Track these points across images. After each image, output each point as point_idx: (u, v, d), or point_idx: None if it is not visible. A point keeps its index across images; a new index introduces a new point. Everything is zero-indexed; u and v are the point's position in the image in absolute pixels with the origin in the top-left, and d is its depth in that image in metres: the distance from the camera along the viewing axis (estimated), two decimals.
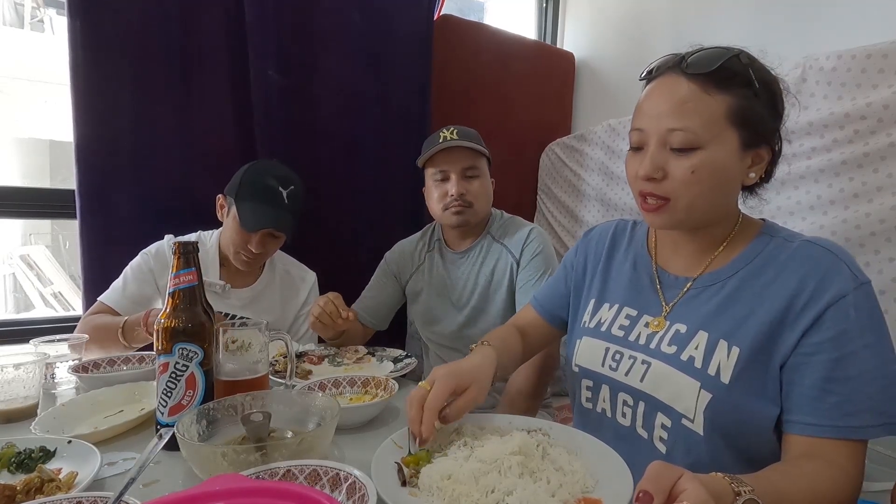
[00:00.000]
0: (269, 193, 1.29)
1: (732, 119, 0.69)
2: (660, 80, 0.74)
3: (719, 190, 0.72)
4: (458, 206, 1.34)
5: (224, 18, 1.57)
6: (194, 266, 0.77)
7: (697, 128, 0.69)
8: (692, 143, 0.69)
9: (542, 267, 1.33)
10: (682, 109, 0.70)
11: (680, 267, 0.82)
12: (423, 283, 1.48)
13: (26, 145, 5.22)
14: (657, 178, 0.72)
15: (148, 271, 1.32)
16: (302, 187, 1.36)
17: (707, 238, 0.79)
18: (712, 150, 0.69)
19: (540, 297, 1.05)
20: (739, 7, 1.73)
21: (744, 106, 0.69)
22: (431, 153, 1.34)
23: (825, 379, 0.64)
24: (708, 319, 0.74)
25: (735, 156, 0.71)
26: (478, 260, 1.41)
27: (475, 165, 1.36)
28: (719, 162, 0.70)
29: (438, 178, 1.36)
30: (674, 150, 0.71)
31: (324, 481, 0.59)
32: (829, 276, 0.67)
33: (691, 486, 0.46)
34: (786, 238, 0.74)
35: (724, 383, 0.69)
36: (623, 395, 0.80)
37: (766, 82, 0.71)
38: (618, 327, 0.84)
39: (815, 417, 0.64)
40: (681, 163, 0.70)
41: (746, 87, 0.69)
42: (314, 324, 1.23)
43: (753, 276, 0.73)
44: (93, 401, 0.91)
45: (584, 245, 0.99)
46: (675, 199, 0.72)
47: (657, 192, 0.73)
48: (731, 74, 0.69)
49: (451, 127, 1.36)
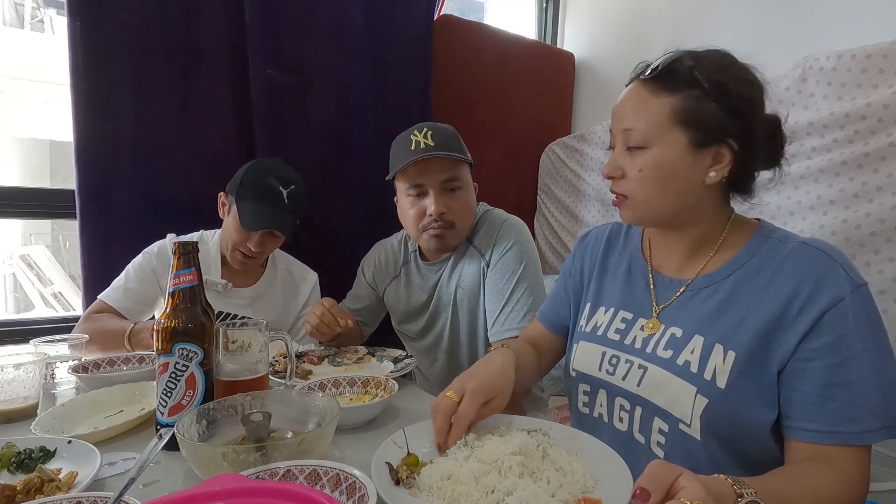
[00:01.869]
0: (269, 193, 1.28)
1: (677, 119, 0.72)
2: (628, 87, 0.79)
3: (670, 187, 0.75)
4: (437, 229, 1.19)
5: (224, 18, 1.57)
6: (194, 266, 0.77)
7: (643, 127, 0.74)
8: (640, 143, 0.74)
9: (511, 266, 1.20)
10: (634, 111, 0.75)
11: (674, 268, 0.82)
12: (398, 296, 1.40)
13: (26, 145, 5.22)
14: (616, 176, 0.78)
15: (150, 271, 1.32)
16: (303, 188, 1.35)
17: (695, 238, 0.79)
18: (658, 150, 0.73)
19: (545, 310, 1.04)
20: (739, 7, 1.73)
21: (689, 106, 0.71)
22: (404, 166, 1.16)
23: (825, 385, 0.64)
24: (703, 323, 0.73)
25: (684, 155, 0.73)
26: (451, 271, 1.30)
27: (456, 176, 1.19)
28: (665, 161, 0.73)
29: (413, 193, 1.19)
30: (629, 150, 0.76)
31: (324, 481, 0.59)
32: (825, 278, 0.66)
33: (690, 484, 0.46)
34: (781, 239, 0.74)
35: (720, 388, 0.69)
36: (620, 399, 0.80)
37: (717, 82, 0.71)
38: (614, 331, 0.84)
39: (817, 423, 0.64)
40: (633, 162, 0.76)
41: (692, 88, 0.71)
42: (312, 333, 1.22)
43: (748, 279, 0.73)
44: (93, 401, 0.91)
45: (581, 250, 0.99)
46: (631, 195, 0.77)
47: (617, 190, 0.79)
48: (674, 76, 0.72)
49: (423, 127, 1.18)
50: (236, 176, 1.34)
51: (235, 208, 1.30)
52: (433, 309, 1.35)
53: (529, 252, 1.24)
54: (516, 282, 1.20)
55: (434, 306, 1.35)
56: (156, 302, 1.35)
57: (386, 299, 1.45)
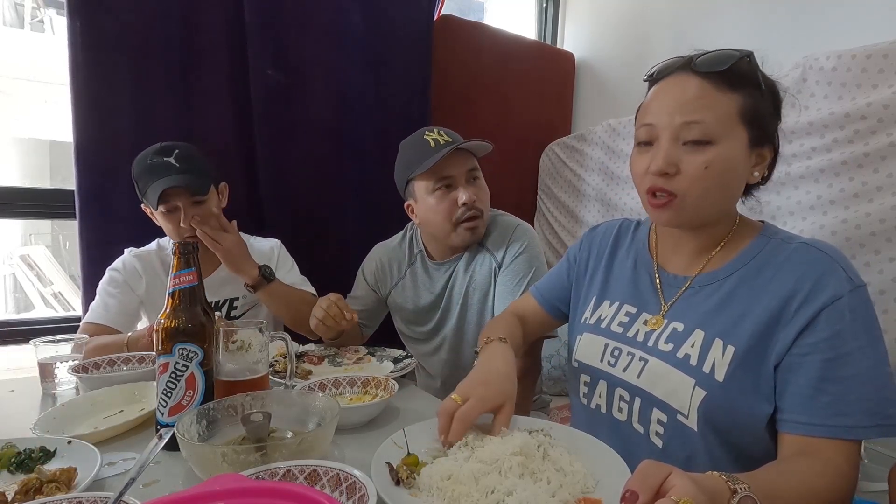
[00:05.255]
0: (157, 168, 1.25)
1: (743, 117, 0.71)
2: (669, 80, 0.75)
3: (727, 187, 0.73)
4: (472, 220, 1.21)
5: (224, 18, 1.57)
6: (194, 266, 0.77)
7: (712, 122, 0.70)
8: (707, 136, 0.70)
9: (522, 270, 1.23)
10: (697, 104, 0.70)
11: (679, 266, 0.83)
12: (404, 300, 1.39)
13: (26, 145, 5.22)
14: (670, 173, 0.72)
15: (123, 282, 1.33)
16: (192, 149, 1.31)
17: (707, 238, 0.79)
18: (725, 146, 0.70)
19: (541, 287, 1.06)
20: (740, 7, 1.73)
21: (753, 105, 0.71)
22: (436, 160, 1.17)
23: (819, 378, 0.65)
24: (705, 318, 0.75)
25: (744, 153, 0.72)
26: (463, 270, 1.31)
27: (476, 166, 1.26)
28: (731, 158, 0.71)
29: (441, 186, 1.21)
30: (686, 146, 0.71)
31: (324, 481, 0.59)
32: (825, 278, 0.67)
33: (680, 481, 0.46)
34: (784, 240, 0.75)
35: (718, 381, 0.70)
36: (620, 390, 0.81)
37: (770, 84, 0.73)
38: (617, 324, 0.85)
39: (808, 416, 0.65)
40: (694, 158, 0.71)
41: (755, 88, 0.71)
42: (317, 326, 1.19)
43: (751, 277, 0.74)
44: (93, 401, 0.91)
45: (589, 240, 1.00)
46: (684, 195, 0.72)
47: (667, 188, 0.72)
48: (741, 74, 0.71)
49: (431, 128, 1.23)
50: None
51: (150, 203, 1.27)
52: (444, 308, 1.35)
53: (539, 258, 1.28)
54: (526, 284, 1.22)
55: (445, 306, 1.35)
56: (138, 312, 1.36)
57: (391, 302, 1.44)
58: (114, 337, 1.23)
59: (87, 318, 1.30)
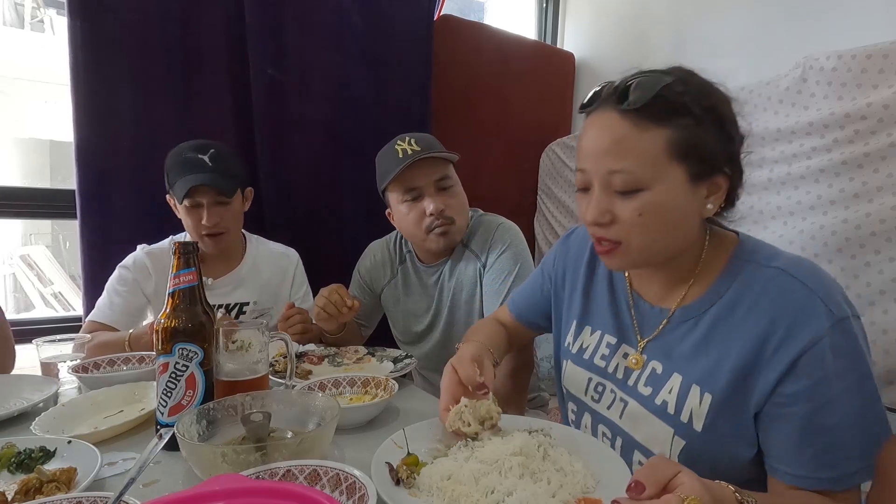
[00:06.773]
0: (190, 163, 1.29)
1: (674, 153, 0.64)
2: (596, 116, 0.69)
3: (673, 228, 0.68)
4: (442, 226, 1.22)
5: (224, 18, 1.57)
6: (194, 266, 0.77)
7: (637, 168, 0.64)
8: (634, 185, 0.65)
9: (507, 268, 1.23)
10: (619, 149, 0.65)
11: (655, 295, 0.79)
12: (396, 298, 1.42)
13: (26, 145, 5.22)
14: (604, 222, 0.68)
15: (132, 281, 1.34)
16: (227, 150, 1.35)
17: (676, 269, 0.75)
18: (658, 190, 0.65)
19: (517, 301, 1.04)
20: (739, 7, 1.73)
21: (685, 137, 0.64)
22: (398, 172, 1.18)
23: (802, 430, 0.61)
24: (683, 362, 0.72)
25: (684, 191, 0.66)
26: (449, 272, 1.33)
27: (447, 174, 1.24)
28: (667, 201, 0.66)
29: (409, 198, 1.22)
30: (618, 193, 0.67)
31: (324, 481, 0.59)
32: (802, 316, 0.62)
33: (688, 480, 0.46)
34: (760, 262, 0.69)
35: (696, 431, 0.68)
36: (603, 427, 0.81)
37: (708, 107, 0.66)
38: (599, 357, 0.83)
39: (795, 468, 0.62)
40: (627, 205, 0.66)
41: (685, 117, 0.64)
42: (319, 314, 1.20)
43: (725, 313, 0.69)
44: (93, 401, 0.91)
45: (564, 252, 0.96)
46: (627, 242, 0.68)
47: (608, 237, 0.69)
48: (666, 106, 0.64)
49: (404, 137, 1.23)
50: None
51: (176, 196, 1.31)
52: (435, 310, 1.36)
53: (524, 254, 1.28)
54: (512, 282, 1.23)
55: (435, 308, 1.36)
56: (143, 312, 1.37)
57: (383, 301, 1.45)
58: (117, 334, 1.24)
59: (92, 315, 1.31)
